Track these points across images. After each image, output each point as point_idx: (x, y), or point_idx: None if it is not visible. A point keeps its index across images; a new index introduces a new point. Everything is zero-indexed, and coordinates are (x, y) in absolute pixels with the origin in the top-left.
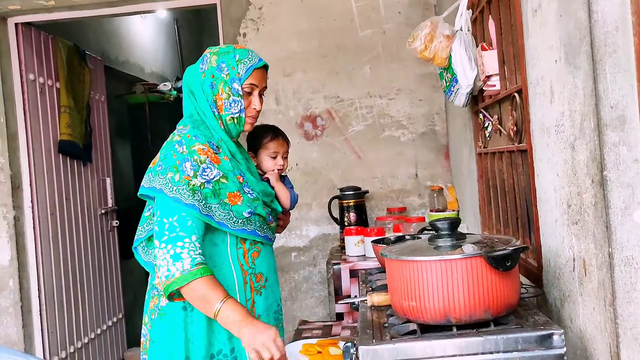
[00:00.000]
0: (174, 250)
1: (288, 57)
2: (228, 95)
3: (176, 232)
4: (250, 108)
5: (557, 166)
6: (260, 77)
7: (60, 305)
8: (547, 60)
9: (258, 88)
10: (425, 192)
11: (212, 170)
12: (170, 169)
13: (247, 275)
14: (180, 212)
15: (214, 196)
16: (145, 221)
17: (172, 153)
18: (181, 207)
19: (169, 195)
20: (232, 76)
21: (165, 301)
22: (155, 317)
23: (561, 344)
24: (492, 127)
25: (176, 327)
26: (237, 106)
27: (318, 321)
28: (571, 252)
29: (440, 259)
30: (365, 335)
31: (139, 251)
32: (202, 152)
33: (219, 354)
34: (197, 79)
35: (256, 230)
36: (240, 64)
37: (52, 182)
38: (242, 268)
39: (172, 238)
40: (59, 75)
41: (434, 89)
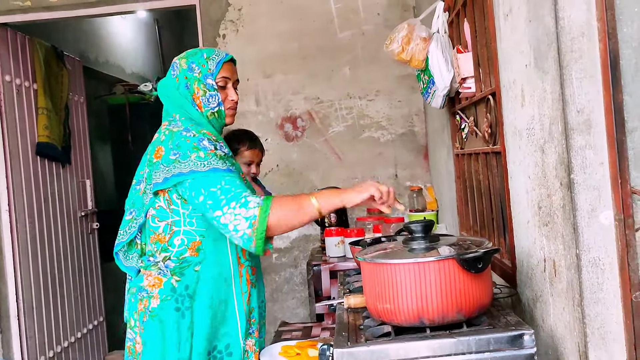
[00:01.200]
0: (239, 202)
1: (268, 59)
2: (204, 91)
3: (233, 191)
4: (228, 100)
5: (528, 168)
6: (231, 70)
7: (39, 310)
8: (518, 64)
9: (231, 80)
10: (405, 192)
11: (225, 147)
12: (191, 150)
13: (243, 267)
14: (223, 177)
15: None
16: (126, 225)
17: (184, 139)
18: (222, 173)
19: (204, 170)
20: (205, 73)
21: (157, 302)
22: (147, 320)
23: (531, 344)
24: (468, 128)
25: (169, 327)
26: (214, 100)
27: (298, 322)
28: (542, 253)
29: (413, 261)
30: (341, 337)
31: (120, 256)
32: (212, 137)
33: (214, 350)
34: (172, 85)
35: None
36: (210, 61)
37: (30, 184)
38: (239, 260)
39: (231, 197)
40: (37, 76)
41: (413, 90)
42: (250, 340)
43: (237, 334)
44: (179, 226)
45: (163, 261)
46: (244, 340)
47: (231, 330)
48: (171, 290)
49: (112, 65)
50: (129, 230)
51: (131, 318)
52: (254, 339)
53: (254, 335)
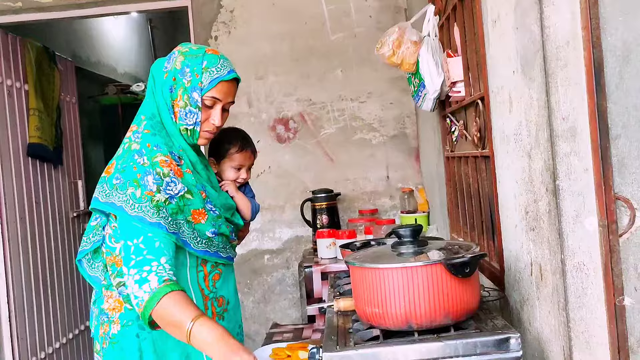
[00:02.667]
0: (140, 275)
1: (260, 60)
2: (185, 104)
3: (143, 255)
4: (208, 122)
5: (516, 173)
6: (226, 91)
7: (30, 311)
8: (506, 70)
9: (221, 102)
10: (397, 194)
11: (177, 185)
12: (131, 183)
13: (207, 300)
14: (145, 232)
15: (179, 213)
16: (91, 231)
17: (132, 165)
18: (145, 227)
19: (131, 214)
20: (194, 84)
21: (117, 328)
22: (106, 346)
23: (517, 347)
24: (458, 132)
25: (130, 356)
26: (192, 118)
27: (289, 324)
28: (529, 257)
29: (401, 266)
30: (330, 341)
31: (84, 264)
32: (165, 165)
33: None
34: (160, 77)
35: (219, 252)
36: (206, 73)
37: (22, 185)
38: (203, 293)
39: (139, 262)
40: (28, 77)
41: (404, 92)
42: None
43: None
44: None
45: (117, 286)
46: None
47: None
48: (132, 315)
49: (104, 65)
50: (92, 238)
51: (96, 342)
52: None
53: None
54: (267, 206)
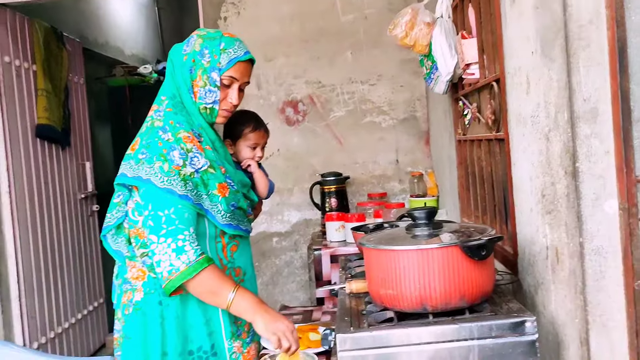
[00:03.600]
0: (176, 243)
1: (269, 42)
2: (205, 83)
3: (175, 225)
4: (226, 101)
5: (532, 156)
6: (242, 71)
7: (39, 291)
8: (524, 51)
9: (238, 82)
10: (406, 178)
11: (199, 160)
12: (158, 157)
13: (226, 270)
14: (175, 204)
15: (204, 186)
16: (114, 208)
17: (157, 140)
18: (176, 199)
19: (160, 186)
20: (213, 65)
21: (141, 295)
22: (129, 313)
23: (533, 330)
24: (471, 114)
25: (152, 322)
26: (211, 96)
27: (299, 306)
28: (545, 241)
29: (417, 248)
30: (343, 322)
31: (108, 239)
32: (188, 140)
33: (199, 350)
34: (180, 60)
35: (239, 225)
36: (224, 54)
37: (30, 166)
38: (222, 262)
39: (171, 231)
40: (36, 57)
41: (415, 75)
42: (237, 342)
43: (221, 335)
44: None
45: (141, 257)
46: (230, 342)
47: (216, 331)
48: (155, 284)
49: (111, 46)
50: (116, 214)
51: (118, 310)
52: (240, 341)
53: (242, 337)
54: (276, 189)
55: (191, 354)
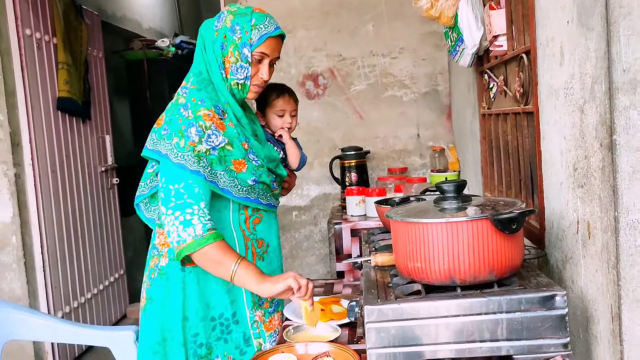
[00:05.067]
0: (184, 216)
1: (289, 14)
2: (236, 59)
3: (184, 199)
4: (257, 76)
5: (564, 129)
6: (273, 47)
7: (63, 262)
8: (559, 20)
9: (269, 57)
10: (427, 153)
11: (217, 137)
12: (176, 134)
13: (248, 240)
14: (186, 179)
15: (220, 163)
16: (148, 177)
17: (178, 117)
18: (187, 174)
19: (174, 161)
20: (244, 41)
21: (166, 261)
22: (155, 277)
23: (563, 304)
24: (497, 88)
25: (175, 286)
26: (243, 72)
27: (319, 279)
28: (575, 215)
29: (446, 221)
30: (370, 294)
31: (141, 207)
32: (208, 118)
33: (221, 317)
34: (211, 36)
35: (259, 199)
36: (255, 30)
37: (52, 139)
38: (244, 234)
39: (180, 205)
40: (56, 30)
41: (437, 48)
42: (259, 311)
43: (243, 304)
44: None
45: None
46: (251, 311)
47: (238, 300)
48: None
49: (129, 20)
50: (150, 184)
51: (145, 274)
52: (262, 310)
53: (264, 307)
54: None
55: (213, 320)
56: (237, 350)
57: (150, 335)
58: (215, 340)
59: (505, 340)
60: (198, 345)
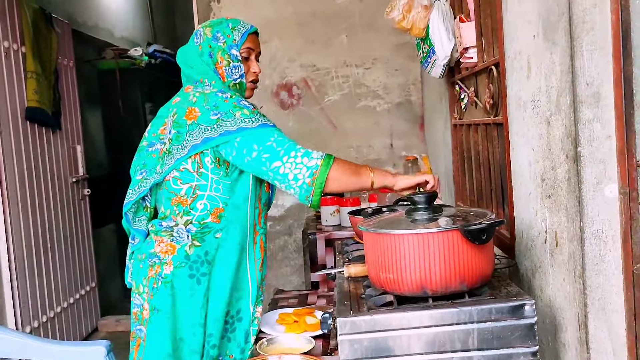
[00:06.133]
0: (300, 151)
1: (264, 24)
2: (228, 62)
3: (287, 142)
4: (250, 72)
5: (532, 140)
6: (255, 42)
7: (31, 275)
8: (525, 34)
9: (254, 52)
10: (400, 162)
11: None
12: (234, 109)
13: (257, 235)
14: (274, 132)
15: None
16: (136, 184)
17: (222, 100)
18: (271, 128)
19: (254, 126)
20: (229, 43)
21: (170, 268)
22: (158, 286)
23: (532, 313)
24: (468, 99)
25: (183, 293)
26: (237, 71)
27: (294, 290)
28: (543, 225)
29: (417, 232)
30: (343, 306)
31: (129, 217)
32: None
33: (227, 315)
34: (194, 52)
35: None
36: (235, 31)
37: (20, 149)
38: (255, 228)
39: (288, 147)
40: (25, 39)
41: (410, 59)
42: (259, 307)
43: (248, 300)
44: (203, 190)
45: (185, 225)
46: (254, 307)
47: (243, 296)
48: (185, 257)
49: (101, 29)
50: (138, 190)
51: (140, 284)
52: (262, 306)
53: (262, 302)
54: None
55: (220, 319)
56: (238, 348)
57: (159, 348)
58: (220, 339)
59: (477, 350)
60: (211, 346)
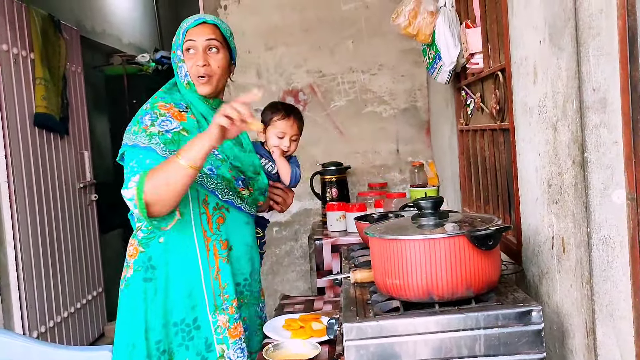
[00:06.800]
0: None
1: (270, 31)
2: (176, 64)
3: (135, 171)
4: (193, 68)
5: (538, 146)
6: (197, 32)
7: (39, 280)
8: (532, 40)
9: (197, 43)
10: (406, 168)
11: (172, 123)
12: (133, 123)
13: (210, 241)
14: (138, 154)
15: (173, 143)
16: None
17: (139, 112)
18: (138, 150)
19: (129, 144)
20: (176, 44)
21: (131, 272)
22: (122, 289)
23: (539, 320)
24: (474, 104)
25: (137, 296)
26: (182, 72)
27: (300, 295)
28: (550, 231)
29: (423, 238)
30: (349, 312)
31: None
32: (164, 108)
33: (182, 322)
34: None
35: (216, 191)
36: (181, 31)
37: (28, 155)
38: (205, 234)
39: (129, 177)
40: (34, 46)
41: (416, 65)
42: (222, 316)
43: (204, 308)
44: None
45: (136, 231)
46: (214, 315)
47: (199, 304)
48: (143, 260)
49: (109, 35)
50: None
51: None
52: (227, 316)
53: (228, 312)
54: None
55: (175, 325)
56: (198, 356)
57: (121, 353)
58: (177, 346)
59: (483, 357)
60: (161, 352)
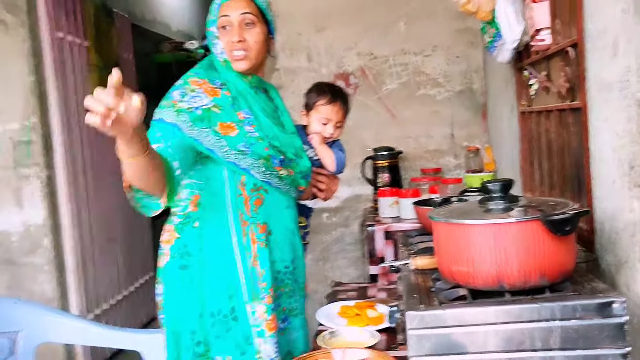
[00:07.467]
0: None
1: (320, 12)
2: (211, 42)
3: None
4: (229, 44)
5: (617, 125)
6: (232, 6)
7: (93, 264)
8: (611, 10)
9: (230, 17)
10: (461, 153)
11: (202, 99)
12: (164, 99)
13: (246, 225)
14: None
15: (204, 121)
16: None
17: (171, 89)
18: (162, 125)
19: (155, 118)
20: (210, 21)
21: (166, 260)
22: (160, 277)
23: (622, 312)
24: (539, 84)
25: (174, 286)
26: (217, 49)
27: (352, 282)
28: (632, 216)
29: (493, 222)
30: (412, 300)
31: None
32: (196, 84)
33: (219, 313)
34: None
35: (251, 170)
36: (214, 6)
37: (84, 141)
38: (242, 217)
39: None
40: (88, 33)
41: (472, 45)
42: (260, 306)
43: (241, 298)
44: (184, 179)
45: (171, 216)
46: (252, 305)
47: (235, 294)
48: (179, 247)
49: (159, 22)
50: None
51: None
52: (264, 306)
53: (265, 302)
54: None
55: (212, 316)
56: (237, 349)
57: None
58: (214, 338)
59: (559, 350)
60: (196, 343)
